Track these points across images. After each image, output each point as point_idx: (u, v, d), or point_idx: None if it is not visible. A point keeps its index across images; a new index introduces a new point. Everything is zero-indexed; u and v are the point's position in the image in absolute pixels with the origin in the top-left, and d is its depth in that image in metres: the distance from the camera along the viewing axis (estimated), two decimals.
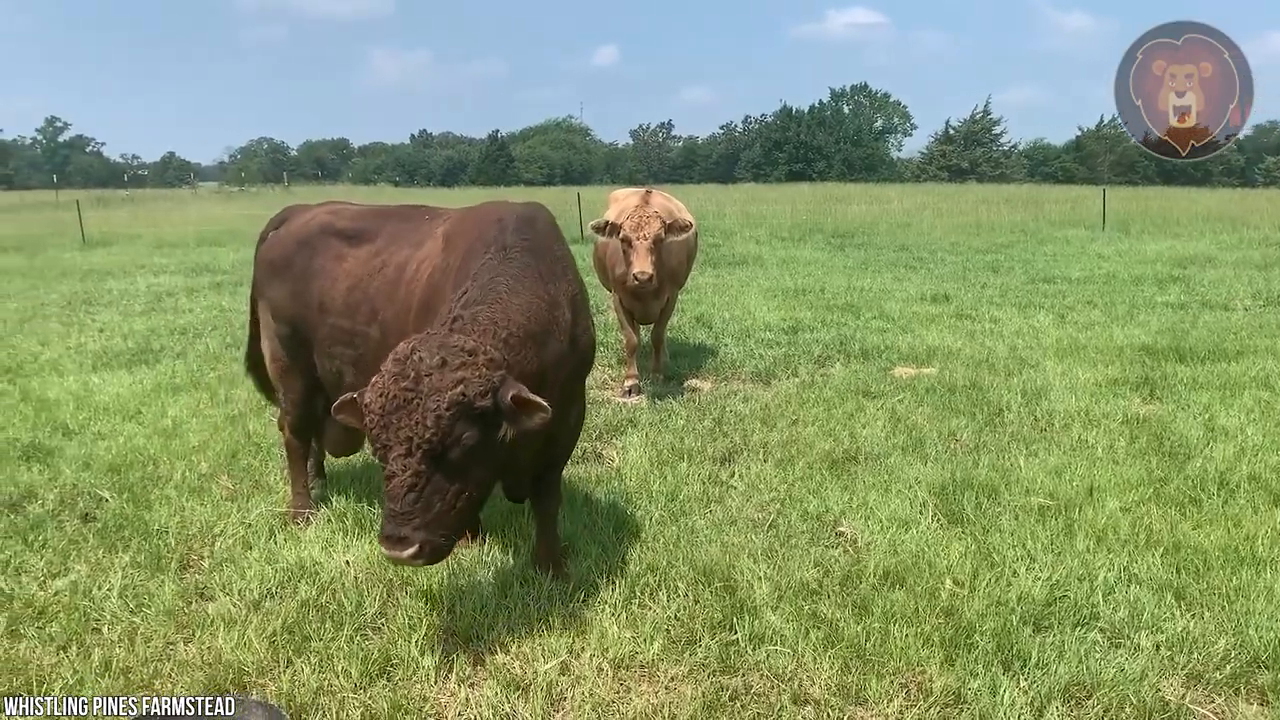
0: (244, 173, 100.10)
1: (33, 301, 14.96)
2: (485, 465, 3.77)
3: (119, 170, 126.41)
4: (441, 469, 3.60)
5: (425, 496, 3.58)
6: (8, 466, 6.49)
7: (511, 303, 4.09)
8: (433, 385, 3.56)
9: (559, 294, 4.40)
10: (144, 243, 26.01)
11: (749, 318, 12.28)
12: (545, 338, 4.19)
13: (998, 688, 3.73)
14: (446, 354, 3.65)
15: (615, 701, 3.73)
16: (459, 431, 3.57)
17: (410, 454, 3.55)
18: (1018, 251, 20.75)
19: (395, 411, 3.56)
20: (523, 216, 4.62)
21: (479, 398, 3.60)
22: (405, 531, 3.56)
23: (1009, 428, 7.25)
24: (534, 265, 4.35)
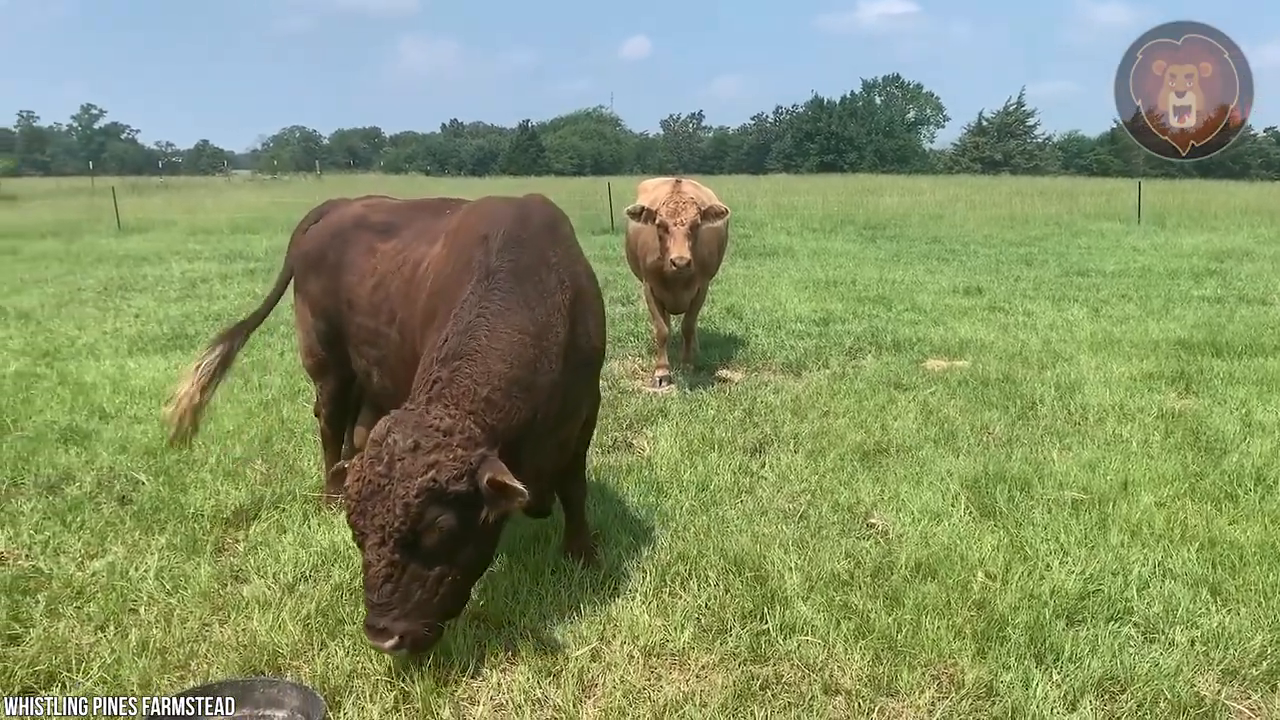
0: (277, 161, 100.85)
1: (69, 286, 15.16)
2: (468, 549, 3.64)
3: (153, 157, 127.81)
4: (418, 557, 3.49)
5: (403, 586, 3.49)
6: (46, 449, 6.58)
7: (492, 351, 3.87)
8: (404, 471, 3.45)
9: (550, 314, 4.15)
10: (178, 229, 26.27)
11: (780, 309, 12.25)
12: (534, 376, 3.96)
13: (1030, 680, 3.71)
14: (420, 436, 3.52)
15: (646, 688, 3.74)
16: (432, 518, 3.45)
17: (384, 543, 3.44)
18: (1052, 244, 20.56)
19: (370, 498, 3.46)
20: (510, 232, 4.29)
21: (453, 482, 3.47)
22: (385, 623, 3.47)
23: (1042, 421, 7.20)
24: (517, 292, 4.08)
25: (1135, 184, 27.33)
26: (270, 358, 9.51)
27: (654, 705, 3.63)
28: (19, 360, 9.47)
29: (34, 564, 4.83)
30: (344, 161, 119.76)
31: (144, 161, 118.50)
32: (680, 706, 3.60)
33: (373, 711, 3.51)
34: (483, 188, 39.13)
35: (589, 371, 4.58)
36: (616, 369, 9.32)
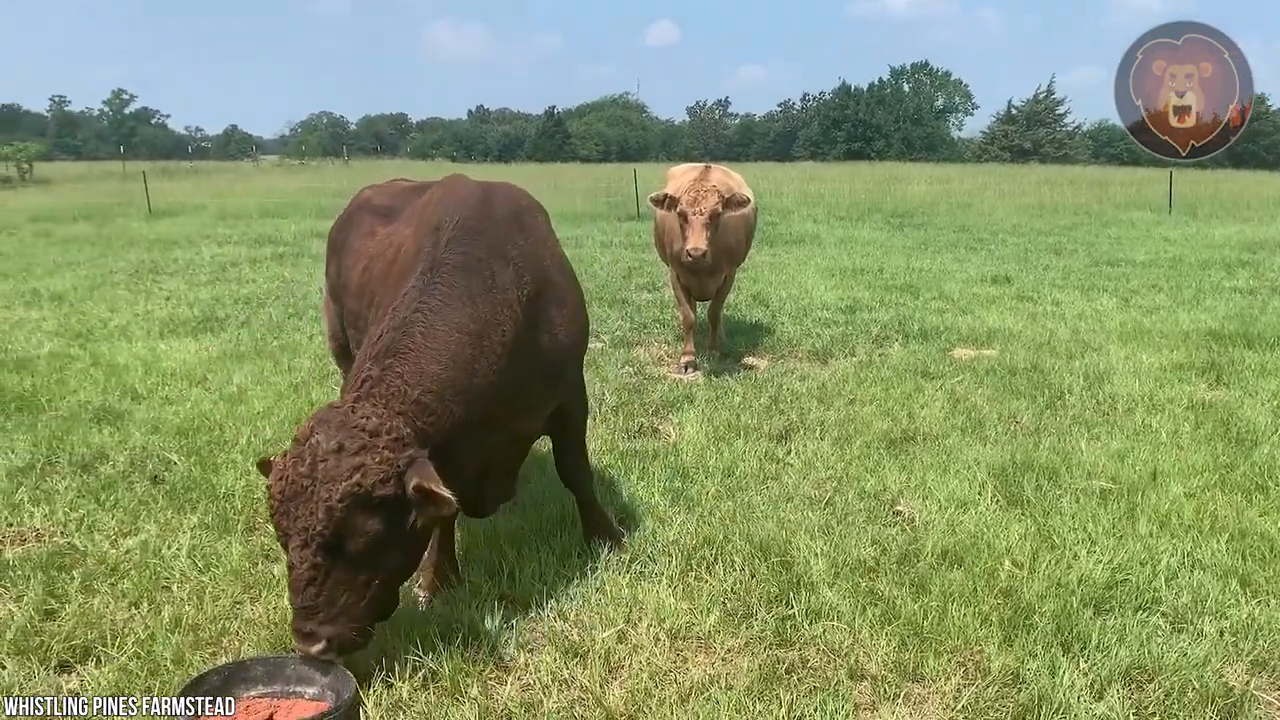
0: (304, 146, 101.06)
1: (102, 269, 15.31)
2: (395, 553, 3.49)
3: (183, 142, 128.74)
4: (342, 561, 3.35)
5: (328, 590, 3.35)
6: (79, 429, 6.67)
7: (426, 350, 3.69)
8: (327, 473, 3.29)
9: (496, 312, 3.94)
10: (208, 214, 26.45)
11: (806, 296, 12.22)
12: (470, 378, 3.75)
13: (1057, 669, 3.71)
14: (345, 437, 3.36)
15: (672, 671, 3.77)
16: (357, 523, 3.30)
17: (306, 545, 3.30)
18: (1081, 234, 20.38)
19: (293, 499, 3.32)
20: (465, 221, 4.11)
21: (378, 486, 3.32)
22: (311, 627, 3.35)
23: (1070, 411, 7.16)
24: (461, 287, 3.89)
25: (1167, 174, 26.96)
26: (299, 341, 9.58)
27: (680, 687, 3.65)
28: (53, 341, 9.60)
29: (69, 541, 4.91)
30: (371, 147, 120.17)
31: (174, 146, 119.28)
32: (706, 689, 3.62)
33: (401, 689, 3.56)
34: (509, 174, 39.24)
35: (556, 370, 4.37)
36: (643, 355, 9.34)
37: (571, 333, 4.44)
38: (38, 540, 4.98)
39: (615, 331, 10.25)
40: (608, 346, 9.60)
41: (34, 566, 4.56)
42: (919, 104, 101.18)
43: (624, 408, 7.34)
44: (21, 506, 5.33)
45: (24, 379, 7.97)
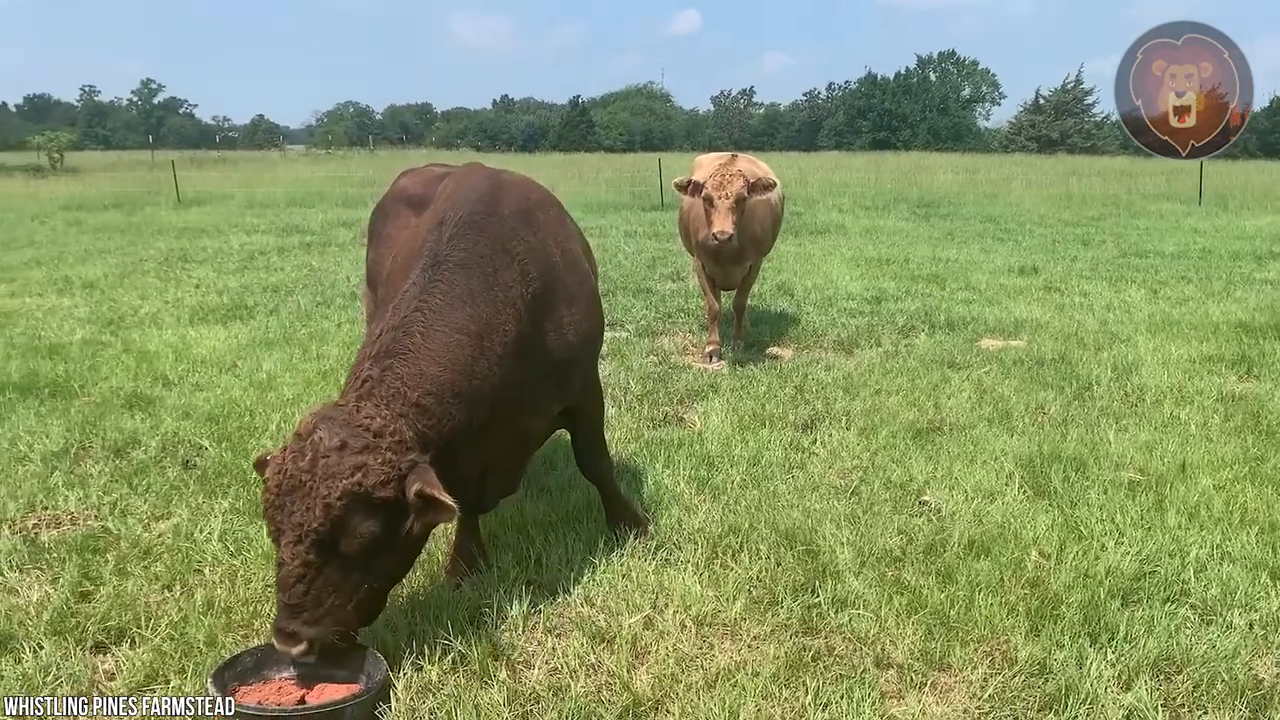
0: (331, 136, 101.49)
1: (132, 257, 15.47)
2: (388, 556, 3.45)
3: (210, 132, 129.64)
4: (334, 561, 3.29)
5: (316, 590, 3.28)
6: (112, 414, 6.75)
7: (425, 351, 3.64)
8: (327, 470, 3.24)
9: (497, 311, 3.87)
10: (236, 203, 26.65)
11: (831, 286, 12.19)
12: (469, 380, 3.69)
13: (1084, 659, 3.70)
14: (349, 435, 3.31)
15: (698, 657, 3.79)
16: (354, 524, 3.25)
17: (300, 542, 3.24)
18: (1109, 225, 20.22)
19: (290, 494, 3.25)
20: (469, 217, 4.04)
21: (379, 487, 3.27)
22: (295, 626, 3.29)
23: (1098, 402, 7.12)
24: (462, 285, 3.83)
25: (1197, 164, 26.69)
26: (328, 329, 9.65)
27: (706, 673, 3.67)
28: (85, 328, 9.71)
29: (103, 524, 4.97)
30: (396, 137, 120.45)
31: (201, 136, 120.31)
32: (732, 675, 3.64)
33: (431, 672, 3.59)
34: (532, 164, 39.33)
35: (564, 370, 4.29)
36: (667, 344, 9.36)
37: (581, 332, 4.34)
38: (72, 524, 5.05)
39: (639, 321, 10.26)
40: (632, 336, 9.62)
41: (69, 549, 4.63)
42: (945, 93, 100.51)
43: (649, 396, 7.36)
44: (56, 490, 5.41)
45: (57, 365, 8.08)
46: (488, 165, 4.93)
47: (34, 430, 6.37)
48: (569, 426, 4.73)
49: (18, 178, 38.65)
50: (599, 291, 4.80)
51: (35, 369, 7.92)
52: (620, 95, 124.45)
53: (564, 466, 5.75)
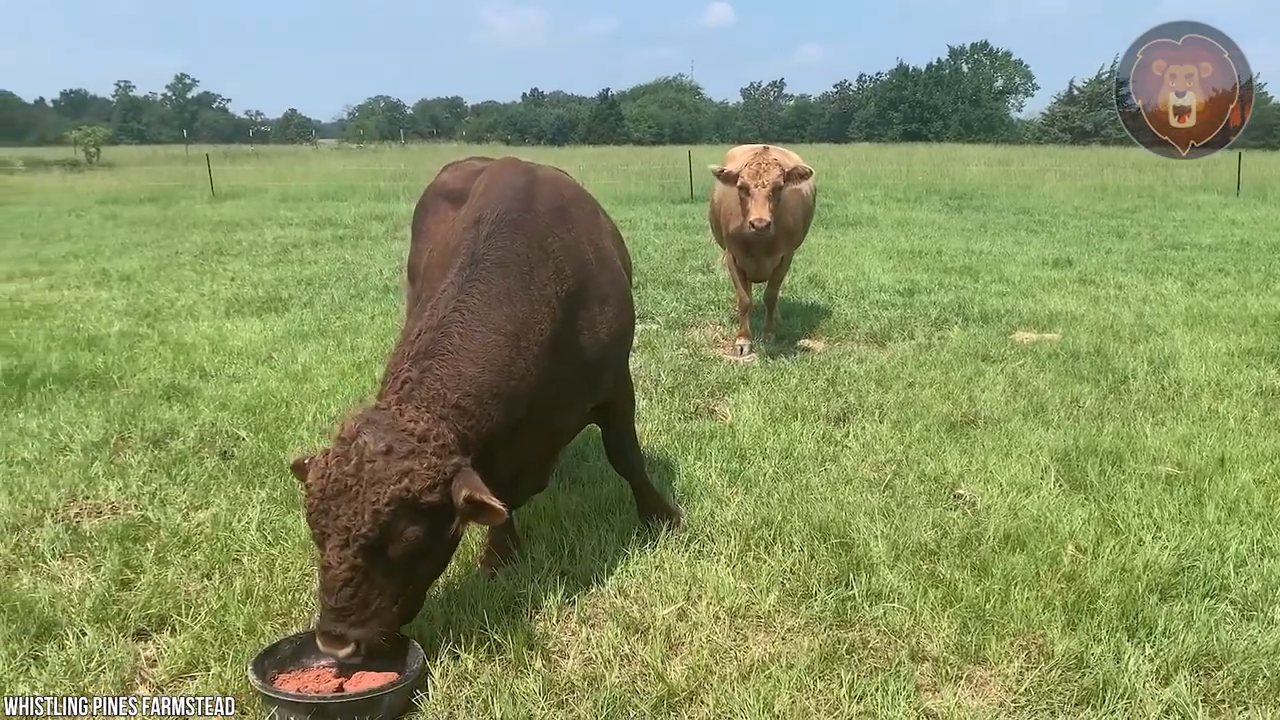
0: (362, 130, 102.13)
1: (168, 250, 15.64)
2: (432, 558, 3.51)
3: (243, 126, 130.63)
4: (380, 565, 3.31)
5: (362, 593, 3.31)
6: (150, 405, 6.84)
7: (464, 352, 3.64)
8: (374, 474, 3.25)
9: (533, 310, 3.87)
10: (269, 196, 26.88)
11: (863, 279, 12.14)
12: (507, 380, 3.70)
13: (1122, 654, 3.67)
14: (394, 439, 3.32)
15: (732, 649, 3.79)
16: (401, 529, 3.27)
17: (347, 546, 3.25)
18: (1144, 216, 20.01)
19: (335, 498, 3.26)
20: (505, 215, 4.03)
21: (426, 492, 3.29)
22: (342, 629, 3.32)
23: (1134, 396, 7.05)
24: (499, 285, 3.82)
25: (1235, 155, 26.30)
26: (361, 321, 9.72)
27: (740, 665, 3.68)
28: (123, 320, 9.84)
29: (143, 514, 5.04)
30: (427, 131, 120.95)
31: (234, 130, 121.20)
32: (766, 667, 3.64)
33: (467, 661, 3.62)
34: (562, 157, 39.34)
35: (597, 367, 4.27)
36: (697, 336, 9.36)
37: (613, 331, 4.33)
38: (113, 513, 5.12)
39: (670, 313, 10.26)
40: (662, 328, 9.62)
41: (110, 538, 4.70)
42: (978, 85, 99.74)
43: (680, 389, 7.36)
44: (97, 480, 5.49)
45: (96, 357, 8.19)
46: (522, 159, 4.93)
47: (74, 421, 6.47)
48: (600, 422, 4.74)
49: (55, 172, 39.21)
50: (631, 286, 4.80)
51: (75, 360, 8.03)
52: (650, 88, 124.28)
53: (596, 458, 5.76)
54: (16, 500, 5.17)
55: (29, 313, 10.37)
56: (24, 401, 6.98)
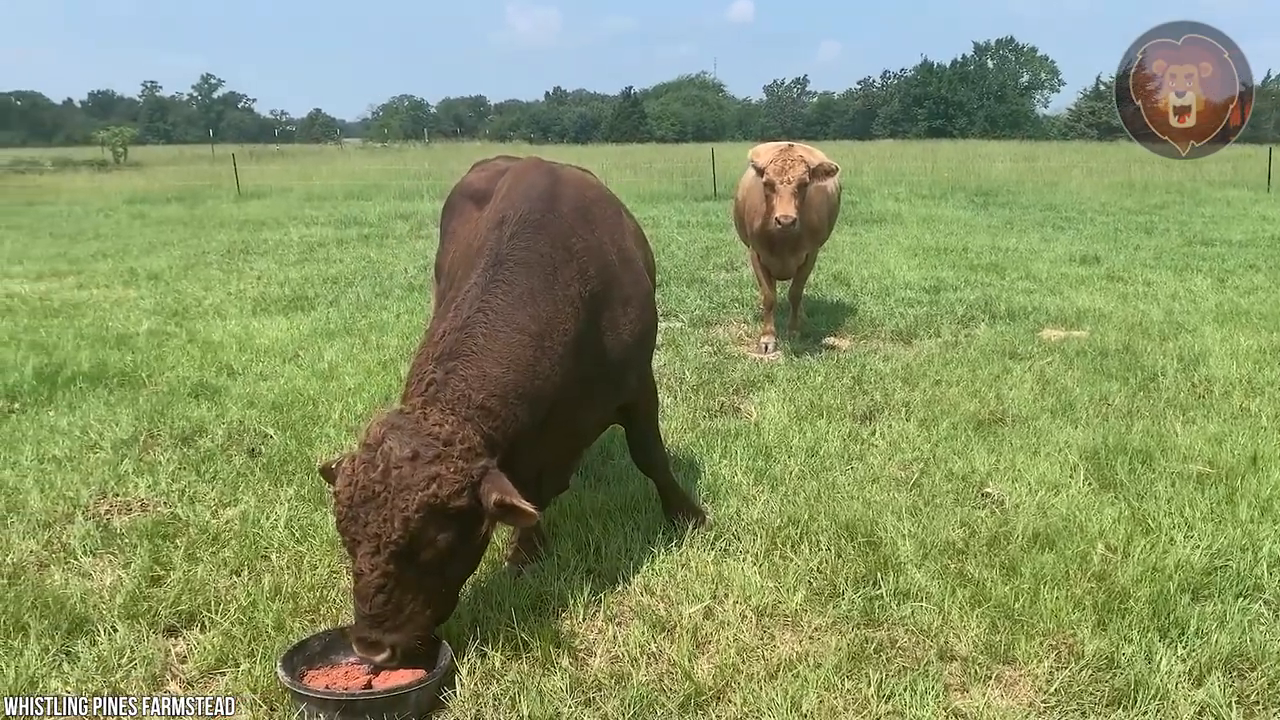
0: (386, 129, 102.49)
1: (194, 249, 15.76)
2: (462, 561, 3.52)
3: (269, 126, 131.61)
4: (412, 569, 3.32)
5: (396, 598, 3.33)
6: (179, 403, 6.89)
7: (488, 352, 3.63)
8: (402, 481, 3.25)
9: (557, 311, 3.86)
10: (294, 196, 27.03)
11: (888, 276, 12.07)
12: (532, 381, 3.69)
13: (1154, 654, 3.64)
14: (420, 444, 3.31)
15: (759, 647, 3.78)
16: (431, 534, 3.28)
17: (378, 553, 3.26)
18: (1173, 212, 19.82)
19: (364, 505, 3.26)
20: (529, 215, 4.02)
21: (454, 497, 3.28)
22: (378, 635, 3.35)
23: (1164, 393, 6.98)
24: (523, 285, 3.81)
25: (1266, 150, 26.00)
26: (387, 320, 9.76)
27: (767, 663, 3.67)
28: (151, 319, 9.92)
29: (172, 511, 5.08)
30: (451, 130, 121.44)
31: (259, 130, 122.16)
32: (794, 666, 3.63)
33: (494, 659, 3.62)
34: (585, 155, 39.37)
35: (620, 368, 4.25)
36: (722, 334, 9.34)
37: (636, 331, 4.30)
38: (143, 510, 5.16)
39: (694, 311, 10.24)
40: (686, 326, 9.60)
41: (140, 535, 4.73)
42: (1003, 80, 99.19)
43: (704, 387, 7.34)
44: (127, 477, 5.53)
45: (125, 355, 8.26)
46: (546, 158, 4.93)
47: (104, 418, 6.52)
48: (623, 422, 4.72)
49: (83, 172, 39.64)
50: (654, 285, 4.79)
51: (104, 359, 8.10)
52: (672, 86, 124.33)
53: (621, 456, 5.75)
54: (48, 497, 5.22)
55: (59, 311, 10.47)
56: (54, 399, 7.05)
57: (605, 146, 69.05)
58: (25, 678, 3.54)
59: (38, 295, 11.55)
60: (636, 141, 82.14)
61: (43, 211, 23.58)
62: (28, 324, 9.71)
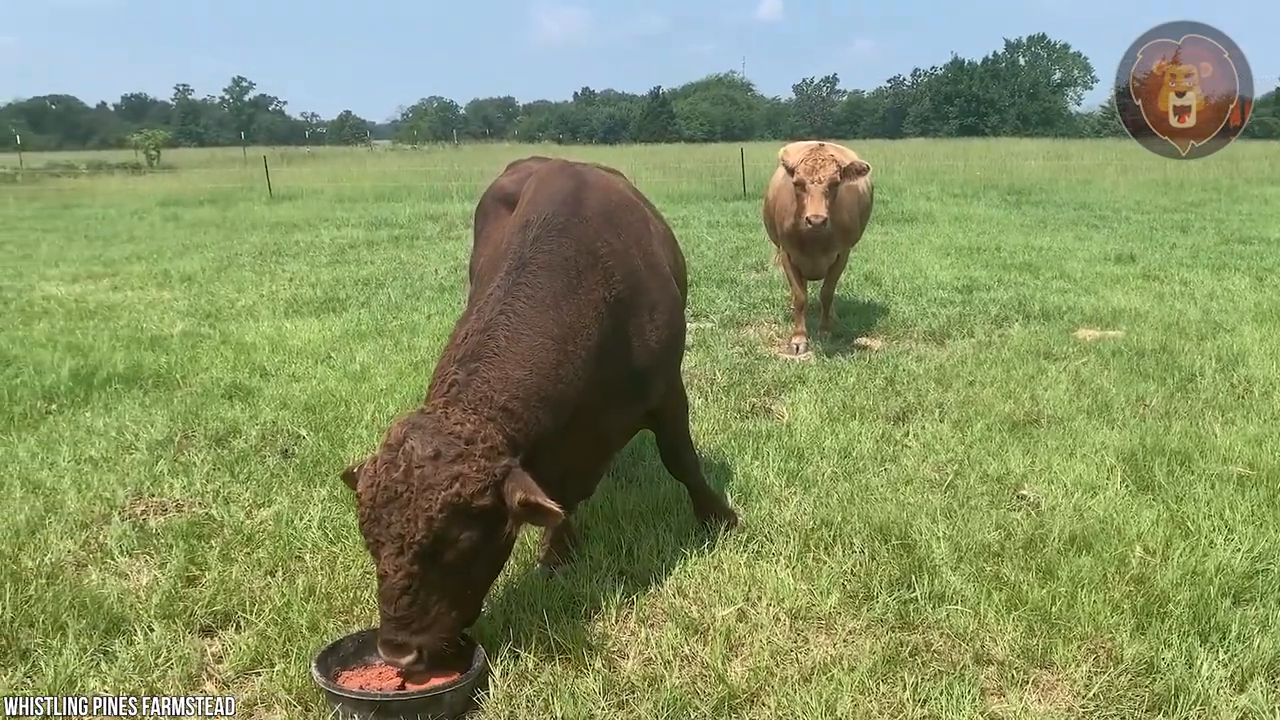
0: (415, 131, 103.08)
1: (227, 251, 15.89)
2: (487, 561, 3.49)
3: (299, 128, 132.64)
4: (436, 570, 3.29)
5: (421, 600, 3.31)
6: (212, 404, 6.94)
7: (511, 354, 3.61)
8: (424, 480, 3.22)
9: (580, 314, 3.83)
10: (325, 197, 27.19)
11: (920, 276, 11.99)
12: (554, 384, 3.66)
13: (1194, 659, 3.59)
14: (441, 443, 3.28)
15: (793, 650, 3.76)
16: (455, 534, 3.25)
17: (402, 553, 3.24)
18: (1210, 210, 19.57)
19: (386, 505, 3.24)
20: (553, 218, 4.00)
21: (477, 496, 3.25)
22: (404, 637, 3.33)
23: (1202, 394, 6.89)
24: (547, 288, 3.78)
25: None
26: (418, 321, 9.79)
27: (801, 667, 3.64)
28: (185, 321, 10.01)
29: (207, 511, 5.12)
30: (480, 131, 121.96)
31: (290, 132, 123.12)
32: (828, 669, 3.60)
33: (527, 660, 3.62)
34: (613, 155, 39.41)
35: (646, 374, 4.20)
36: (752, 335, 9.31)
37: (663, 338, 4.24)
38: (178, 510, 5.21)
39: (724, 311, 10.21)
40: (716, 326, 9.58)
41: (175, 535, 4.77)
42: (1035, 78, 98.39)
43: (735, 388, 7.32)
44: (162, 478, 5.58)
45: (159, 356, 8.34)
46: (574, 158, 4.91)
47: (139, 419, 6.59)
48: (653, 426, 4.67)
49: (117, 175, 40.10)
50: (685, 289, 4.75)
51: (139, 360, 8.18)
52: (701, 85, 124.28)
53: (652, 458, 5.74)
54: (85, 498, 5.27)
55: (94, 313, 10.58)
56: (91, 400, 7.12)
57: (634, 146, 69.00)
58: (64, 677, 3.58)
59: (74, 297, 11.68)
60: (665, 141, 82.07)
61: (78, 214, 23.86)
62: (64, 326, 9.82)
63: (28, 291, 12.13)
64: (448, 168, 35.34)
